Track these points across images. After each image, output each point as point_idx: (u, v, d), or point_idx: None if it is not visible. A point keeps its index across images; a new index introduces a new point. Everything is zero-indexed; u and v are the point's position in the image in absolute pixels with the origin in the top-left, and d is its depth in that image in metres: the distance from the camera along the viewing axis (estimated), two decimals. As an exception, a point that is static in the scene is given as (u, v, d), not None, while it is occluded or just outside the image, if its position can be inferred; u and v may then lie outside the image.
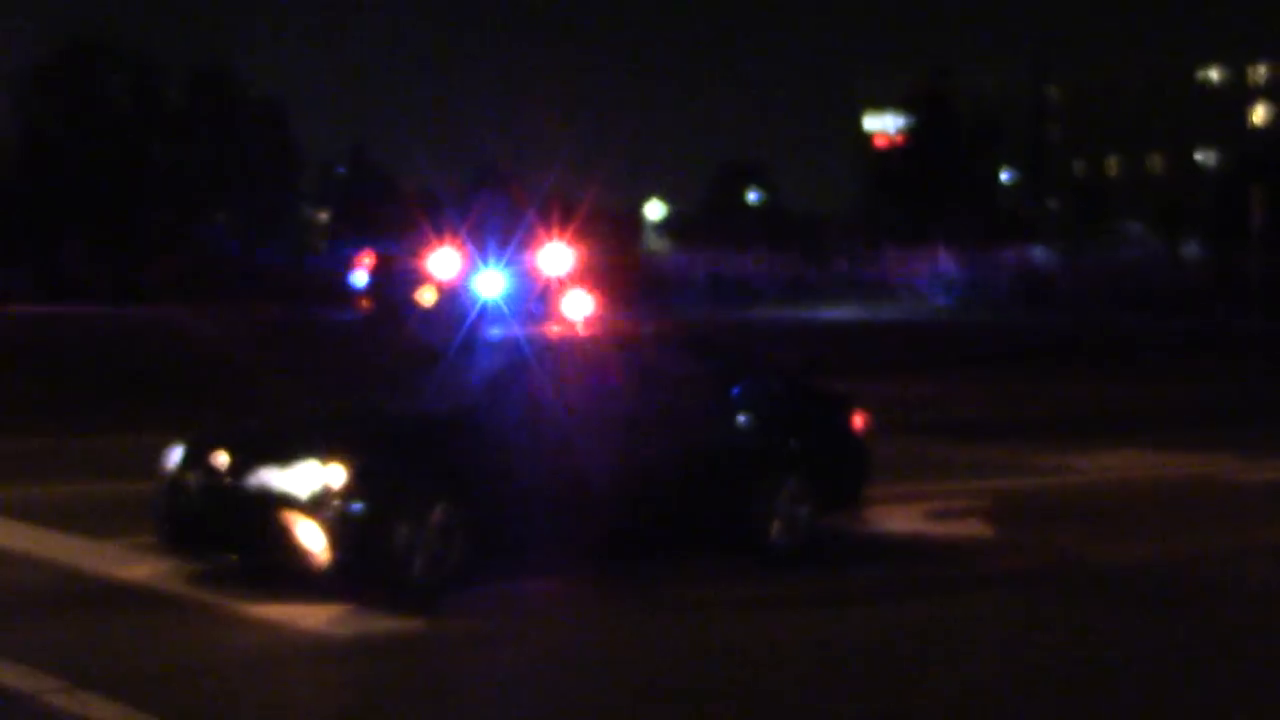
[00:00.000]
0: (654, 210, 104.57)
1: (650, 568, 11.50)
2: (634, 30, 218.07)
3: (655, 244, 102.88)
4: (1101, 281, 69.87)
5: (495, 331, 12.41)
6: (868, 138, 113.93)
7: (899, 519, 13.94)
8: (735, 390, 12.30)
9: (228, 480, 10.35)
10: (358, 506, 10.03)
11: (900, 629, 9.88)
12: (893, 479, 16.31)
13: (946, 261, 75.12)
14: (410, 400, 11.75)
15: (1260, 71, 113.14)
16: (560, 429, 11.08)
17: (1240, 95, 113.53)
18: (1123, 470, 17.82)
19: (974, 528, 13.62)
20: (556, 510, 11.01)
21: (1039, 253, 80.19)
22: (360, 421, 11.23)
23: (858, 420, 12.94)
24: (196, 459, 10.58)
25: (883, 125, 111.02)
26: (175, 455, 10.75)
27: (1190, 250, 76.28)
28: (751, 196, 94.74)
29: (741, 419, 12.18)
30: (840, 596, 10.84)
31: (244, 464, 10.32)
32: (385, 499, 10.15)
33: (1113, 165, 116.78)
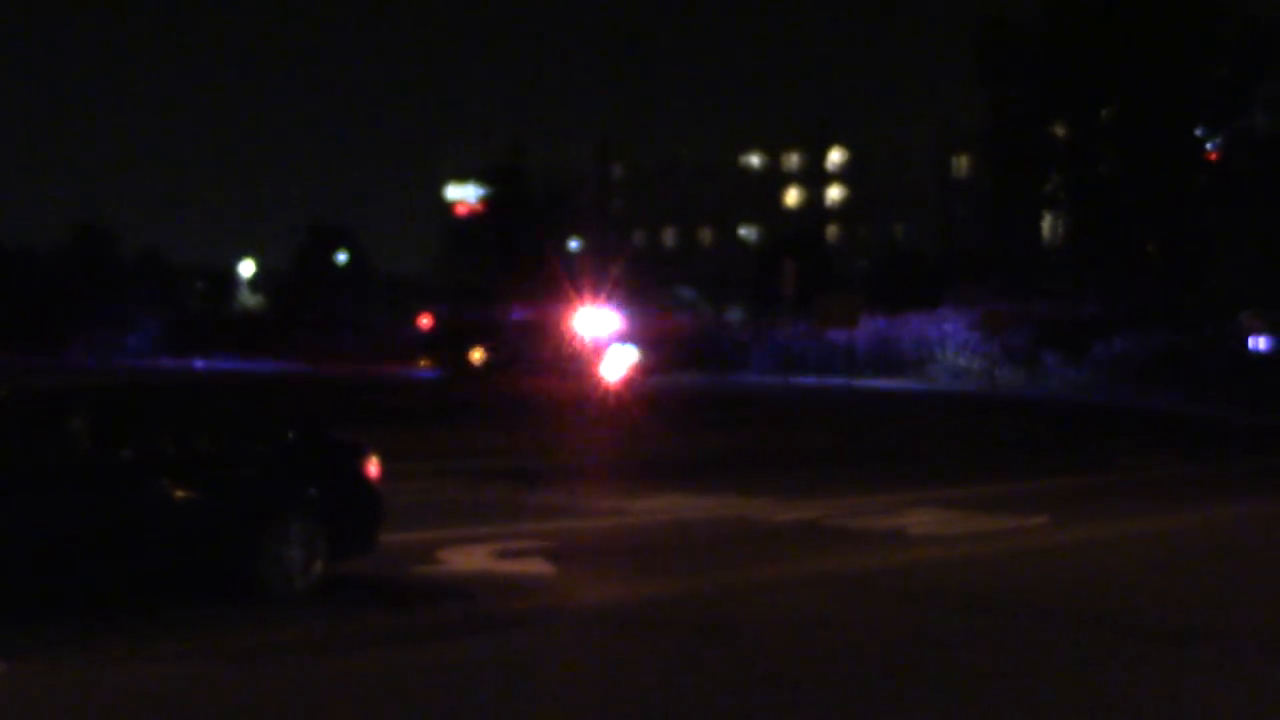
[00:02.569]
0: (246, 268, 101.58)
1: (160, 616, 10.74)
2: (230, 91, 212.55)
3: (249, 300, 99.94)
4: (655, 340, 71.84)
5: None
6: (450, 205, 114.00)
7: (465, 559, 13.68)
8: (243, 438, 11.70)
9: None
10: None
11: (413, 669, 9.43)
12: (464, 522, 16.05)
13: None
14: None
15: (792, 159, 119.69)
16: (56, 478, 10.36)
17: (775, 179, 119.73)
18: (672, 512, 18.02)
19: (536, 566, 13.46)
20: (58, 559, 10.26)
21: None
22: None
23: (371, 467, 12.44)
24: None
25: (464, 194, 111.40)
26: None
27: (733, 314, 79.50)
28: (340, 257, 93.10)
29: (249, 466, 11.55)
30: (347, 639, 10.30)
31: None
32: None
33: (668, 236, 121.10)
